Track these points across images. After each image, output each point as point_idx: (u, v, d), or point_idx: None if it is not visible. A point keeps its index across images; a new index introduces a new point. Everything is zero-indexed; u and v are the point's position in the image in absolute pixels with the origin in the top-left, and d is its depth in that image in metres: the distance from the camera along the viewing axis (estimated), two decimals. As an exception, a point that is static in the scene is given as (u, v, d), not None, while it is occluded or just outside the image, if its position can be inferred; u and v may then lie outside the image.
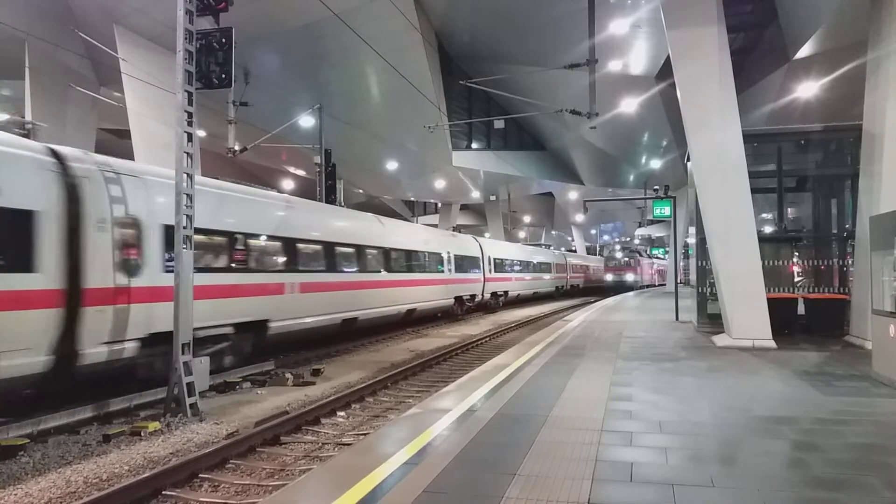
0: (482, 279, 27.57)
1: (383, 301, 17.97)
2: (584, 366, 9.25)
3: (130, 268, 9.22)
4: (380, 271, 17.98)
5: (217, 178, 12.56)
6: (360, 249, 16.81)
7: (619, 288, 50.06)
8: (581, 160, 39.41)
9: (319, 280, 14.57)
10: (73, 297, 8.26)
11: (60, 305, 8.08)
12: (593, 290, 54.65)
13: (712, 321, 13.86)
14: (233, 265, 11.75)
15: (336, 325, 15.36)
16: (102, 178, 8.99)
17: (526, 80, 26.68)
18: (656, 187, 21.50)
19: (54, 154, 8.45)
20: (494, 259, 29.70)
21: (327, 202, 20.66)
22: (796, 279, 16.05)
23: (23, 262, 7.75)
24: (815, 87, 20.15)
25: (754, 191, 11.72)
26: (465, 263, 25.50)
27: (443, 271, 22.95)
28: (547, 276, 40.52)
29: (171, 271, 9.10)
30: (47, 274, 7.96)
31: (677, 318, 17.34)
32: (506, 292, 31.58)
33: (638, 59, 24.78)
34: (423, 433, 5.47)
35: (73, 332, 8.28)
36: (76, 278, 8.35)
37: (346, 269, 16.00)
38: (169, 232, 9.41)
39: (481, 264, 27.58)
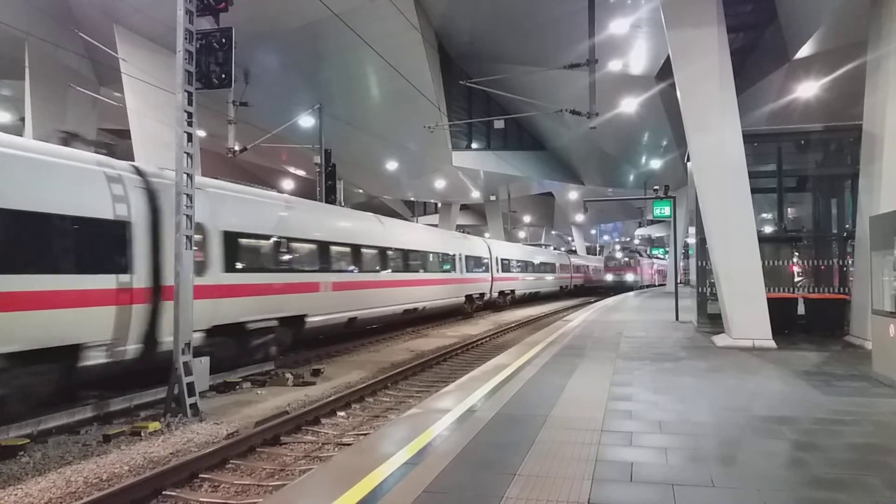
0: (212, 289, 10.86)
1: None
2: (584, 366, 9.25)
3: None
4: None
5: None
6: None
7: (619, 289, 49.98)
8: (581, 160, 39.42)
9: None
10: None
11: None
12: (550, 300, 41.06)
13: (712, 321, 13.85)
14: None
15: None
16: None
17: (526, 80, 26.68)
18: (656, 187, 21.49)
19: None
20: (290, 242, 13.65)
21: (327, 202, 20.63)
22: (796, 279, 16.04)
23: None
24: (815, 87, 20.16)
25: (754, 191, 11.72)
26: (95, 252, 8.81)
27: None
28: (442, 277, 23.28)
29: None
30: None
31: (677, 319, 17.34)
32: (302, 320, 13.72)
33: (638, 59, 24.78)
34: (423, 433, 5.47)
35: None
36: None
37: None
38: None
39: (212, 252, 11.01)
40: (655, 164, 38.94)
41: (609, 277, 54.06)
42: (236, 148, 21.05)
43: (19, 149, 8.11)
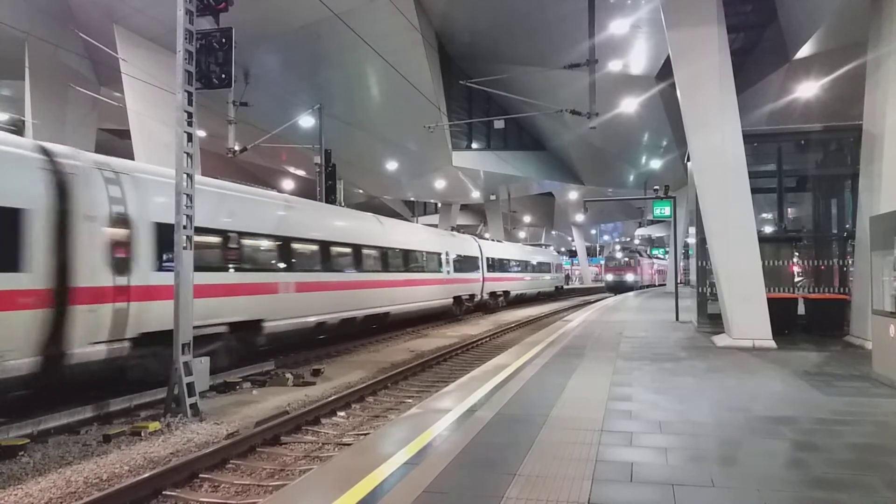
0: None
1: None
2: (584, 366, 9.25)
3: None
4: None
5: None
6: None
7: (620, 289, 49.86)
8: (581, 160, 39.41)
9: None
10: None
11: None
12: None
13: (712, 321, 13.85)
14: None
15: None
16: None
17: (526, 80, 26.69)
18: (656, 187, 21.49)
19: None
20: None
21: (327, 202, 20.64)
22: (796, 279, 16.04)
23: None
24: (815, 87, 20.19)
25: (754, 191, 11.72)
26: None
27: None
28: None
29: None
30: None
31: (677, 319, 17.33)
32: None
33: (638, 59, 24.79)
34: (423, 433, 5.47)
35: None
36: None
37: None
38: None
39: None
40: (655, 164, 38.95)
41: (609, 277, 54.25)
42: (236, 148, 21.05)
43: None
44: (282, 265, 13.39)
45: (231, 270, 11.79)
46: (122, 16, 19.03)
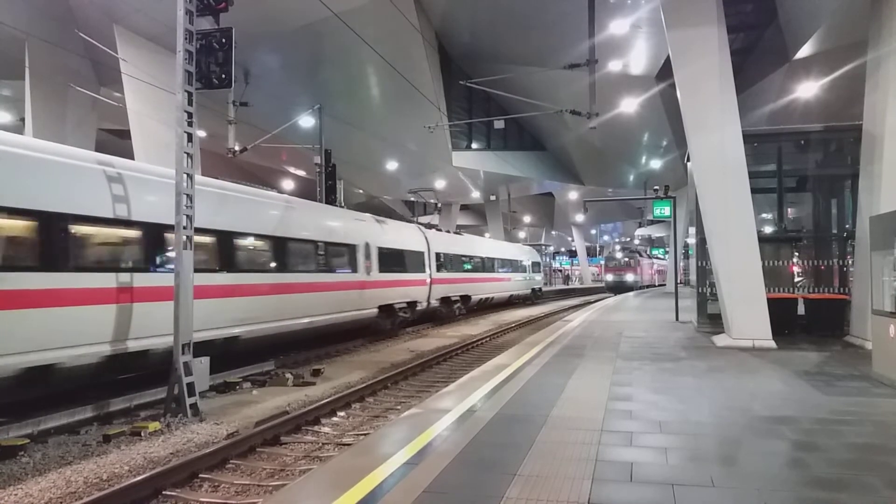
0: None
1: None
2: (584, 366, 9.25)
3: None
4: None
5: None
6: None
7: (620, 289, 49.81)
8: (581, 160, 39.42)
9: None
10: None
11: None
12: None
13: (712, 321, 13.86)
14: None
15: None
16: None
17: (526, 80, 26.69)
18: (656, 187, 21.48)
19: None
20: None
21: (327, 202, 20.64)
22: (796, 279, 16.03)
23: None
24: (815, 87, 20.22)
25: (754, 191, 11.72)
26: None
27: None
28: None
29: None
30: None
31: (677, 319, 17.33)
32: None
33: (638, 59, 24.81)
34: (423, 433, 5.47)
35: None
36: None
37: None
38: None
39: None
40: (655, 164, 38.96)
41: (609, 277, 54.32)
42: (236, 148, 21.05)
43: None
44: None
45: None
46: (122, 16, 19.03)
